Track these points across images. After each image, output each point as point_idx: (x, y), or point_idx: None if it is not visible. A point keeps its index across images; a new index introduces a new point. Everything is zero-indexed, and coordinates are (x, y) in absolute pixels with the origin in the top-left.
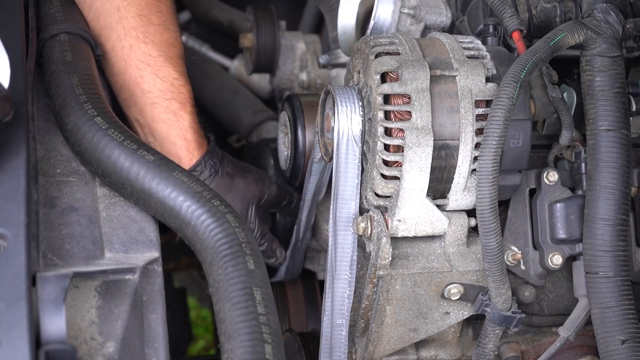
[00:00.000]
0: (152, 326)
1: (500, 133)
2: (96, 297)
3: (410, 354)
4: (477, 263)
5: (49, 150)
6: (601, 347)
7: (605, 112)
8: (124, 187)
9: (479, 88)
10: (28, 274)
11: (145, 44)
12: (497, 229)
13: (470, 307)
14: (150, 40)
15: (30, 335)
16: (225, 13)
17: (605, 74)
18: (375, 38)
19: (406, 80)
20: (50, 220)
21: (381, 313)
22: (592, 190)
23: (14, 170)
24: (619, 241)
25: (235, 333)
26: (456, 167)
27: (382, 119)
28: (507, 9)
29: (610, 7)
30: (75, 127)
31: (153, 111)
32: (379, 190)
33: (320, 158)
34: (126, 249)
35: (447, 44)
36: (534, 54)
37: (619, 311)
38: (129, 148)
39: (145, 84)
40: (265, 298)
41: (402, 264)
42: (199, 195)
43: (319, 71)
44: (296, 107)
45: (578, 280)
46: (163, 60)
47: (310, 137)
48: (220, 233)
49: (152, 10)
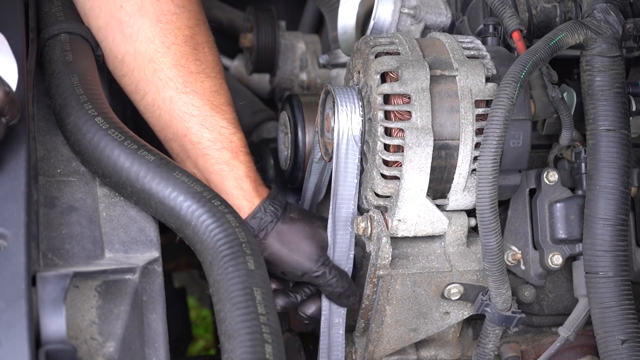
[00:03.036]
0: (152, 326)
1: (500, 133)
2: (96, 297)
3: (410, 354)
4: (477, 263)
5: (49, 150)
6: (601, 347)
7: (605, 112)
8: (124, 188)
9: (479, 88)
10: (28, 273)
11: (187, 94)
12: (497, 229)
13: (470, 307)
14: (191, 90)
15: (30, 335)
16: (225, 13)
17: (605, 74)
18: (375, 38)
19: (406, 80)
20: (50, 220)
21: (381, 313)
22: (592, 190)
23: (14, 170)
24: (619, 241)
25: (236, 333)
26: (456, 167)
27: (382, 119)
28: (507, 9)
29: (610, 7)
30: (76, 127)
31: (205, 163)
32: (379, 190)
33: (320, 158)
34: (126, 248)
35: (447, 44)
36: (534, 54)
37: (619, 311)
38: (129, 148)
39: (192, 136)
40: (266, 298)
41: (402, 264)
42: (199, 196)
43: (319, 71)
44: (296, 107)
45: (578, 280)
46: (208, 110)
47: (310, 137)
48: (221, 233)
49: (189, 59)
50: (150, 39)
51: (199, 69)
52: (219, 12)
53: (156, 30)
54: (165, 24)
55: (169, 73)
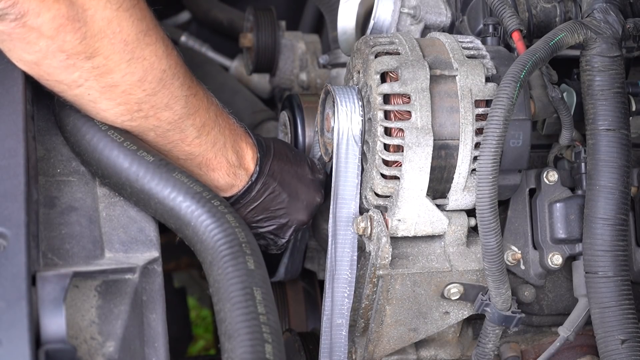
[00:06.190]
0: (152, 326)
1: (500, 133)
2: (96, 297)
3: (410, 354)
4: (477, 263)
5: (49, 150)
6: (601, 347)
7: (605, 111)
8: (124, 188)
9: (479, 88)
10: (28, 273)
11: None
12: (497, 229)
13: (470, 307)
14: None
15: (30, 335)
16: (225, 13)
17: (605, 74)
18: (375, 38)
19: (406, 80)
20: (50, 220)
21: (381, 313)
22: (591, 190)
23: (13, 170)
24: (619, 241)
25: (236, 333)
26: (456, 166)
27: (381, 119)
28: (507, 9)
29: (610, 7)
30: (75, 127)
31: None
32: (379, 190)
33: (320, 158)
34: (126, 248)
35: (447, 44)
36: (534, 54)
37: (619, 311)
38: (128, 149)
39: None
40: (266, 298)
41: (402, 264)
42: (199, 196)
43: (319, 71)
44: (296, 107)
45: (578, 280)
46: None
47: (310, 137)
48: (220, 233)
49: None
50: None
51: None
52: (219, 12)
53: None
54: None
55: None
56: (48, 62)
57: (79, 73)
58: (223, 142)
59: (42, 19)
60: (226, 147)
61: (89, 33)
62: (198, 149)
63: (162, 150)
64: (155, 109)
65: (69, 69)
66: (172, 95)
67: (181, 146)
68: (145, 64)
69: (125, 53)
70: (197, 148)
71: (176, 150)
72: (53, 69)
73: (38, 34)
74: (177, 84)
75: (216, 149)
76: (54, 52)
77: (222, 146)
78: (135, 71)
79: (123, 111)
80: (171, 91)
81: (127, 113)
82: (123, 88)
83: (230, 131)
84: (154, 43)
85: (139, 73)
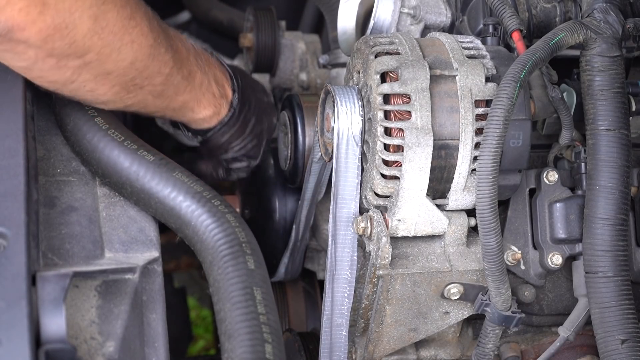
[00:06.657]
0: (152, 326)
1: (500, 133)
2: (96, 297)
3: (410, 354)
4: (477, 263)
5: (49, 150)
6: (601, 347)
7: (605, 112)
8: (124, 188)
9: (479, 88)
10: (28, 273)
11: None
12: (497, 229)
13: (470, 307)
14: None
15: (30, 335)
16: (225, 13)
17: (605, 74)
18: (375, 38)
19: (406, 80)
20: (50, 220)
21: (381, 313)
22: (591, 190)
23: (13, 170)
24: (619, 241)
25: (236, 333)
26: (456, 166)
27: (381, 119)
28: (507, 9)
29: (610, 7)
30: (76, 127)
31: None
32: (379, 190)
33: (320, 158)
34: (126, 248)
35: (447, 44)
36: (534, 54)
37: (619, 311)
38: (128, 148)
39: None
40: (266, 297)
41: (402, 264)
42: (199, 196)
43: (319, 71)
44: (296, 107)
45: (578, 280)
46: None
47: (310, 137)
48: (220, 233)
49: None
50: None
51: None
52: (219, 12)
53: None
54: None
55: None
56: (39, 66)
57: (72, 71)
58: (207, 80)
59: (28, 33)
60: (210, 83)
61: (78, 35)
62: (189, 95)
63: (160, 107)
64: (148, 79)
65: (61, 69)
66: (161, 61)
67: (175, 98)
68: (135, 46)
69: (115, 43)
70: (189, 94)
71: (172, 104)
72: (45, 72)
73: (26, 46)
74: (163, 50)
75: (204, 89)
76: (43, 59)
77: (208, 84)
78: (126, 57)
79: (119, 90)
80: (159, 59)
81: (124, 90)
82: (117, 73)
83: (209, 66)
84: (140, 23)
85: (129, 57)
